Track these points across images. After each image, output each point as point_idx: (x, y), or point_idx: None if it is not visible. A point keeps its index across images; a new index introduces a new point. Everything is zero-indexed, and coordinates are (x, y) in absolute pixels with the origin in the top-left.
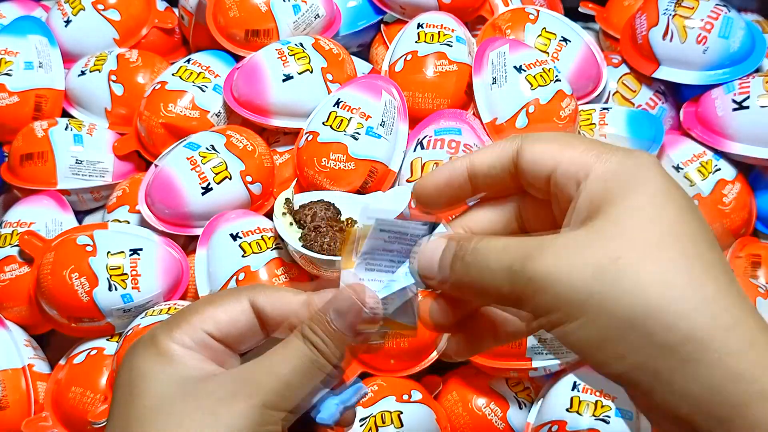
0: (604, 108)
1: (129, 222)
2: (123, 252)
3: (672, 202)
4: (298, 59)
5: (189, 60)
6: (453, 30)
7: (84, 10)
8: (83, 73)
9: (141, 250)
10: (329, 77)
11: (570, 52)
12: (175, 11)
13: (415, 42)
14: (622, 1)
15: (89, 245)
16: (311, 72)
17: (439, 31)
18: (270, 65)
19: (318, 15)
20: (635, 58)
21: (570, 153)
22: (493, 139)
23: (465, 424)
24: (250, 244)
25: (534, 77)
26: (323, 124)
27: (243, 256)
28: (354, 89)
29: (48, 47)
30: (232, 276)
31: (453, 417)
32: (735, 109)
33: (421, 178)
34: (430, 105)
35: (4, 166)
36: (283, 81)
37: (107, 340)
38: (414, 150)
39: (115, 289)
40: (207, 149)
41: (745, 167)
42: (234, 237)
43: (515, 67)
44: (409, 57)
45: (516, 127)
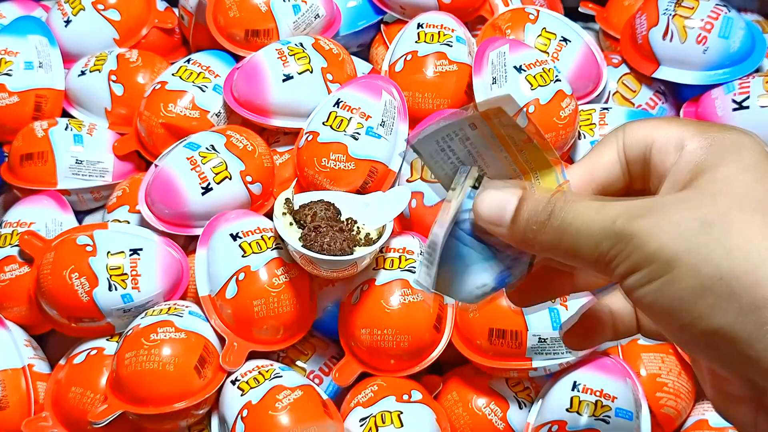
0: (604, 108)
1: (129, 222)
2: (123, 252)
3: None
4: (298, 59)
5: (189, 60)
6: (453, 30)
7: (84, 10)
8: (83, 73)
9: (141, 250)
10: (329, 77)
11: (570, 52)
12: (175, 11)
13: (415, 42)
14: (622, 1)
15: (89, 245)
16: (311, 72)
17: (439, 31)
18: (270, 65)
19: (318, 15)
20: (635, 58)
21: (666, 129)
22: None
23: (465, 424)
24: (250, 244)
25: (534, 77)
26: (323, 124)
27: (243, 256)
28: (354, 89)
29: (48, 47)
30: (232, 276)
31: (453, 417)
32: (735, 109)
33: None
34: (430, 105)
35: (4, 166)
36: (283, 81)
37: (107, 340)
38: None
39: (115, 289)
40: (207, 149)
41: None
42: (234, 237)
43: (515, 67)
44: (409, 57)
45: None
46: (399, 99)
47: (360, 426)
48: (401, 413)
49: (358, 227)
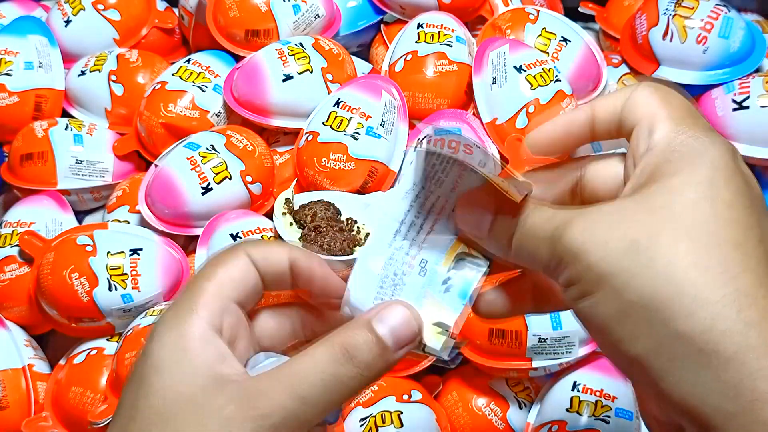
0: None
1: (129, 222)
2: (123, 252)
3: (731, 186)
4: (298, 59)
5: (189, 60)
6: (453, 30)
7: (84, 10)
8: (83, 73)
9: (141, 250)
10: (329, 77)
11: (570, 52)
12: (175, 11)
13: (415, 42)
14: (622, 1)
15: (89, 245)
16: (311, 72)
17: (439, 31)
18: (270, 65)
19: (318, 15)
20: (635, 58)
21: (663, 112)
22: (493, 140)
23: (465, 424)
24: None
25: (534, 77)
26: (323, 124)
27: None
28: (354, 89)
29: (48, 47)
30: None
31: (453, 417)
32: (735, 109)
33: (537, 128)
34: (430, 105)
35: (3, 166)
36: (283, 81)
37: (107, 340)
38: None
39: (115, 289)
40: (207, 149)
41: None
42: (234, 237)
43: (515, 67)
44: (409, 57)
45: (516, 128)
46: (399, 99)
47: (360, 426)
48: (401, 413)
49: (358, 227)
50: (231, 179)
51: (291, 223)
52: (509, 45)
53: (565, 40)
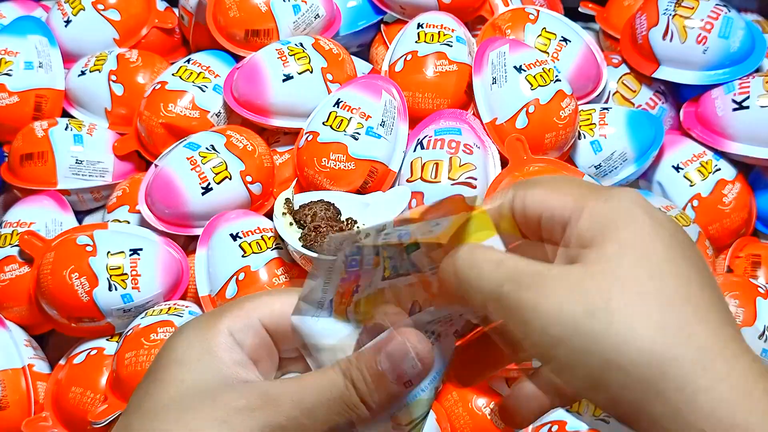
0: (604, 108)
1: (129, 222)
2: (123, 252)
3: (660, 239)
4: (298, 59)
5: (189, 60)
6: (453, 30)
7: (84, 10)
8: (83, 73)
9: (141, 250)
10: (329, 77)
11: (570, 52)
12: (175, 11)
13: (415, 42)
14: (622, 1)
15: (89, 245)
16: (311, 72)
17: (439, 31)
18: (270, 65)
19: (318, 15)
20: (635, 58)
21: (556, 197)
22: (493, 140)
23: (465, 424)
24: (250, 244)
25: (534, 77)
26: (323, 124)
27: (243, 256)
28: (354, 89)
29: (48, 47)
30: (232, 276)
31: (453, 417)
32: (735, 109)
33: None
34: (430, 105)
35: (4, 166)
36: (283, 81)
37: (107, 340)
38: (414, 150)
39: (115, 289)
40: (207, 149)
41: (745, 167)
42: (234, 237)
43: (515, 67)
44: (409, 57)
45: (516, 127)
46: (399, 99)
47: None
48: None
49: (358, 227)
50: (231, 179)
51: (291, 223)
52: (509, 45)
53: (565, 40)
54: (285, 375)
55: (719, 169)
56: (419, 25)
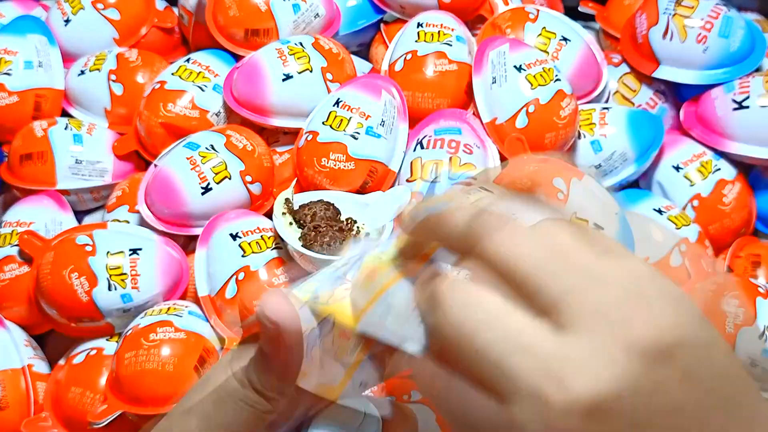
0: (604, 108)
1: (129, 222)
2: (122, 252)
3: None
4: (297, 59)
5: (188, 59)
6: (453, 29)
7: (83, 9)
8: (83, 73)
9: (140, 249)
10: (329, 77)
11: (570, 51)
12: (175, 10)
13: (415, 41)
14: (622, 1)
15: (89, 245)
16: (311, 71)
17: (439, 31)
18: (270, 65)
19: (318, 14)
20: (635, 57)
21: None
22: (493, 140)
23: None
24: (249, 243)
25: (534, 77)
26: (323, 123)
27: (243, 256)
28: (354, 89)
29: (47, 47)
30: (232, 276)
31: None
32: (735, 109)
33: None
34: (430, 105)
35: (3, 166)
36: (283, 80)
37: (107, 340)
38: (414, 150)
39: (115, 289)
40: (207, 149)
41: (745, 167)
42: (234, 237)
43: (515, 67)
44: (409, 56)
45: (516, 127)
46: (399, 99)
47: None
48: None
49: (358, 227)
50: (231, 179)
51: (291, 223)
52: (509, 44)
53: (565, 39)
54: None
55: (719, 169)
56: (419, 25)
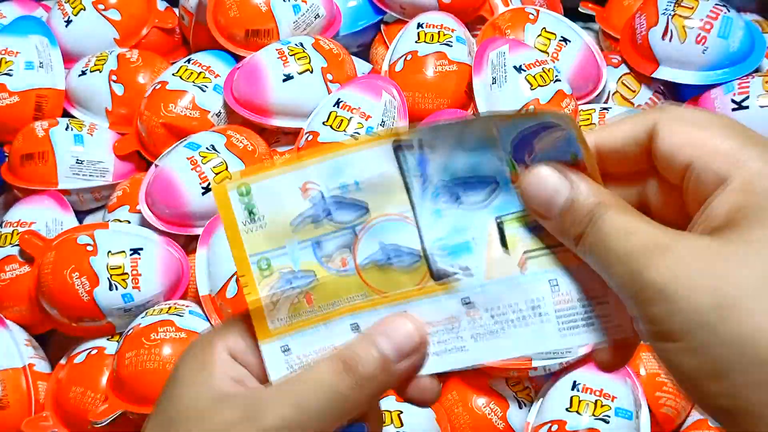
0: (603, 108)
1: (129, 222)
2: (123, 252)
3: None
4: (298, 59)
5: (189, 60)
6: (453, 30)
7: (84, 10)
8: (84, 73)
9: (141, 249)
10: (329, 77)
11: (570, 52)
12: (176, 11)
13: (415, 42)
14: (621, 1)
15: (90, 245)
16: (311, 72)
17: (439, 31)
18: (270, 65)
19: (318, 15)
20: (635, 58)
21: (713, 145)
22: None
23: (465, 423)
24: None
25: (534, 77)
26: (323, 124)
27: None
28: (354, 89)
29: (48, 47)
30: (232, 276)
31: (453, 417)
32: (734, 109)
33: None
34: (430, 105)
35: (4, 166)
36: (283, 81)
37: (108, 339)
38: None
39: (116, 289)
40: (207, 149)
41: None
42: None
43: (515, 67)
44: (409, 57)
45: None
46: (399, 99)
47: None
48: (401, 413)
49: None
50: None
51: None
52: (509, 45)
53: (565, 40)
54: None
55: None
56: (419, 25)
